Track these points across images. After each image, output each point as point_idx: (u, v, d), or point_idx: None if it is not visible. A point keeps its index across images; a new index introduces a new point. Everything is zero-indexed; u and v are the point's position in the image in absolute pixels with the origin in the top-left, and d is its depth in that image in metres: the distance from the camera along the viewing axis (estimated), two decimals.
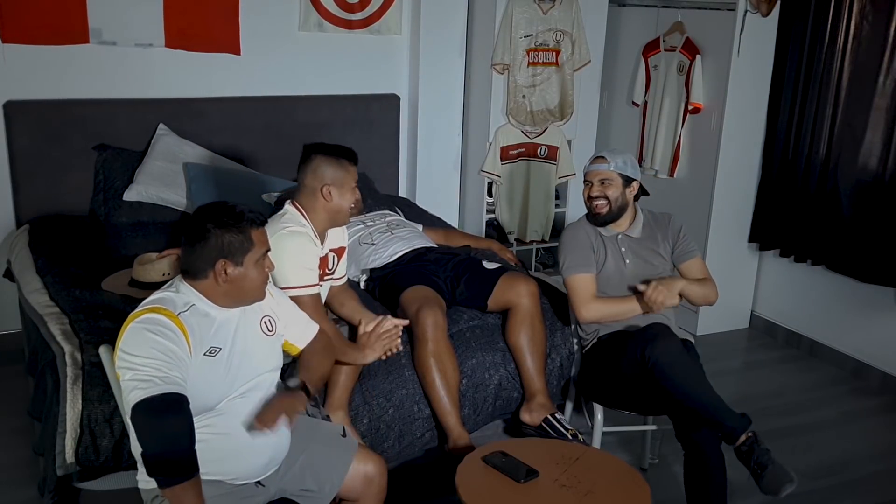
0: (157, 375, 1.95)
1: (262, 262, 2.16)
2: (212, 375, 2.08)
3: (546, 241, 4.99)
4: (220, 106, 4.23)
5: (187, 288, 2.13)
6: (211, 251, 2.09)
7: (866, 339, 4.24)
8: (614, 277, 2.98)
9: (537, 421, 3.00)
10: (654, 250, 3.02)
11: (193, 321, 2.08)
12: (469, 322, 3.15)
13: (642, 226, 3.05)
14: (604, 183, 2.96)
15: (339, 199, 2.73)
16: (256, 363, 2.21)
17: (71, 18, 3.88)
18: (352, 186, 2.75)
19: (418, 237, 3.54)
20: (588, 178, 3.01)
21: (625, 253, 3.00)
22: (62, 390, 2.52)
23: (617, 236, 3.01)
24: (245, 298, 2.17)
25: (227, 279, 2.10)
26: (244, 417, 2.15)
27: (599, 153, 3.05)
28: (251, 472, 2.21)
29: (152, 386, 1.94)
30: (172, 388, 1.95)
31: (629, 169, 2.99)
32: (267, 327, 2.27)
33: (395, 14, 4.59)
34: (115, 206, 3.86)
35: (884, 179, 3.99)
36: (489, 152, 4.71)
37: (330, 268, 2.89)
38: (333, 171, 2.71)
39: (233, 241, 2.10)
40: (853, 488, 3.31)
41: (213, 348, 2.10)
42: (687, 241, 3.06)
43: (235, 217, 2.12)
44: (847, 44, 4.13)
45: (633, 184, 3.01)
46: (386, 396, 2.87)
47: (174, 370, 1.98)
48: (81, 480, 2.50)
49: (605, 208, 2.97)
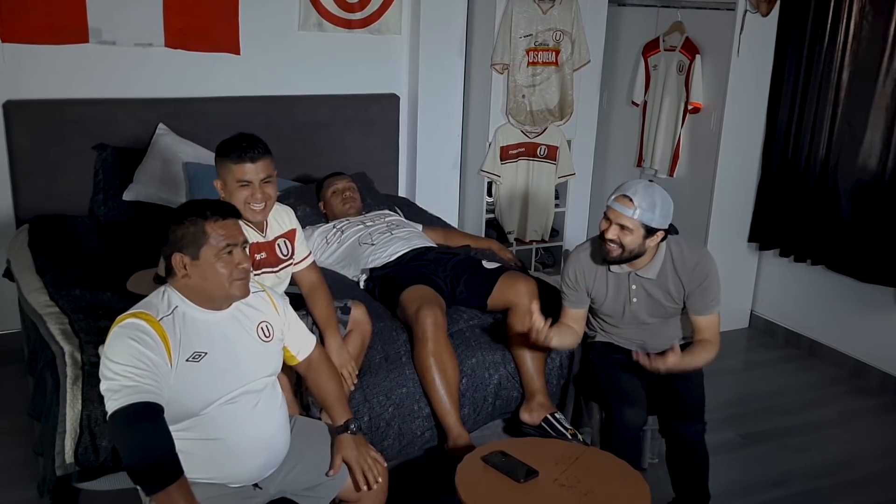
0: (129, 385, 1.95)
1: (227, 256, 2.10)
2: (196, 380, 2.07)
3: (546, 240, 4.99)
4: (220, 106, 4.22)
5: (172, 290, 2.13)
6: (169, 247, 2.10)
7: (866, 339, 4.24)
8: (615, 314, 2.89)
9: (537, 420, 3.00)
10: (667, 291, 2.81)
11: (176, 325, 2.07)
12: (469, 321, 3.15)
13: (660, 267, 2.78)
14: (623, 229, 2.65)
15: (229, 196, 2.61)
16: (249, 368, 2.18)
17: (70, 18, 3.87)
18: (238, 186, 2.60)
19: (418, 237, 3.55)
20: (608, 215, 2.68)
21: (634, 291, 2.81)
22: (62, 390, 2.52)
23: (629, 274, 2.80)
24: (215, 294, 2.12)
25: (187, 274, 2.09)
26: (237, 422, 2.14)
27: (628, 189, 2.66)
28: (247, 475, 2.20)
29: (123, 396, 1.95)
30: (143, 396, 1.95)
31: (657, 219, 2.64)
32: (264, 333, 2.24)
33: (395, 14, 4.59)
34: (115, 205, 3.86)
35: (884, 179, 3.99)
36: (489, 152, 4.71)
37: (284, 254, 2.77)
38: (219, 168, 2.64)
39: (185, 234, 2.09)
40: (853, 488, 3.31)
41: (197, 353, 2.08)
42: (711, 291, 2.77)
43: (189, 211, 2.12)
44: (847, 43, 4.13)
45: (658, 233, 2.69)
46: (386, 395, 2.87)
47: (147, 378, 1.97)
48: (81, 480, 2.49)
49: (617, 252, 2.69)
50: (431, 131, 4.76)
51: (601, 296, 2.88)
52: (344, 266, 3.48)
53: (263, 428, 2.21)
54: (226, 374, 2.12)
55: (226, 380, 2.13)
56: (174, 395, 2.02)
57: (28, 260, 3.47)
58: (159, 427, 1.96)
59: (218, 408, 2.11)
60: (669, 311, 2.88)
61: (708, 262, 2.80)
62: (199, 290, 2.11)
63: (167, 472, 1.95)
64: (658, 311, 2.87)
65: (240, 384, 2.15)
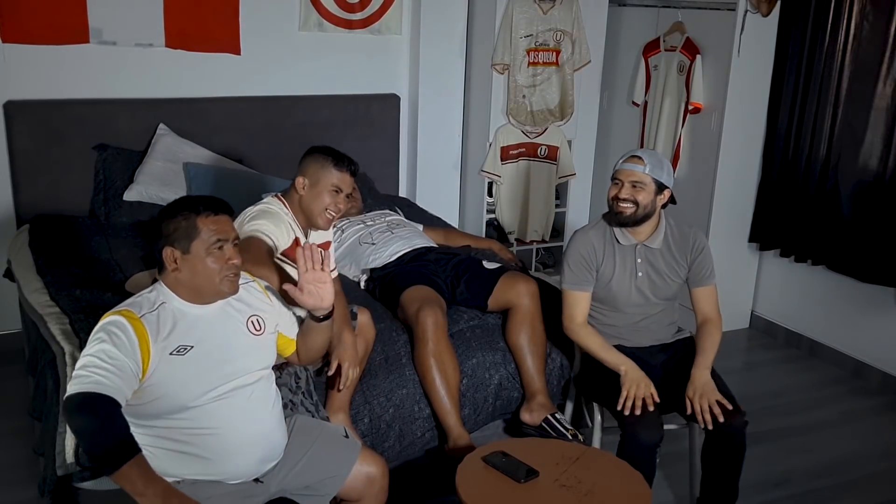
0: (83, 374, 1.99)
1: (218, 252, 2.12)
2: (182, 374, 2.08)
3: (546, 241, 4.99)
4: (221, 106, 4.23)
5: (161, 286, 2.15)
6: (161, 240, 2.13)
7: (866, 339, 4.24)
8: (622, 290, 2.89)
9: (537, 421, 3.00)
10: (670, 265, 2.90)
11: (161, 321, 2.09)
12: (469, 322, 3.15)
13: (663, 237, 2.89)
14: (635, 186, 2.77)
15: (311, 196, 2.69)
16: (239, 362, 2.19)
17: (71, 18, 3.88)
18: (330, 189, 2.67)
19: (418, 237, 3.55)
20: (618, 178, 2.80)
21: (639, 265, 2.87)
22: (62, 390, 2.52)
23: (635, 246, 2.87)
24: (205, 289, 2.14)
25: (178, 268, 2.11)
26: (232, 416, 2.15)
27: (635, 152, 2.84)
28: (246, 470, 2.20)
29: (77, 384, 1.98)
30: (95, 388, 1.96)
31: (664, 175, 2.79)
32: (254, 326, 2.25)
33: (395, 14, 4.59)
34: (116, 205, 3.87)
35: (884, 179, 3.99)
36: (489, 152, 4.71)
37: None
38: (315, 167, 2.70)
39: (177, 227, 2.11)
40: (853, 488, 3.31)
41: (182, 347, 2.09)
42: (707, 262, 2.91)
43: (182, 205, 2.15)
44: (847, 44, 4.13)
45: (666, 192, 2.83)
46: (386, 396, 2.87)
47: (104, 373, 1.98)
48: (81, 480, 2.49)
49: (631, 211, 2.79)
50: (432, 131, 4.77)
51: (609, 272, 2.88)
52: (344, 266, 3.49)
53: (258, 421, 2.21)
54: (215, 368, 2.13)
55: (215, 373, 2.14)
56: (161, 389, 2.05)
57: (28, 260, 3.47)
58: (102, 416, 1.97)
59: (211, 401, 2.12)
60: (671, 286, 2.91)
61: (700, 233, 2.95)
62: (189, 284, 2.13)
63: (118, 453, 1.95)
64: (660, 287, 2.90)
65: (231, 377, 2.16)
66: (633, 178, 2.77)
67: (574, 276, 2.90)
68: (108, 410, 1.97)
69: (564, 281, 2.92)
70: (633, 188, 2.77)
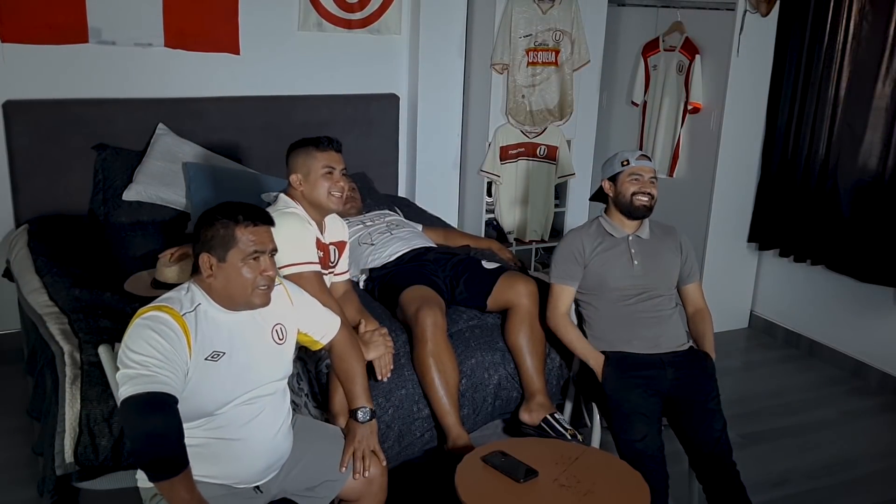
0: (145, 374, 1.95)
1: (254, 262, 2.11)
2: (212, 380, 2.07)
3: (545, 240, 4.99)
4: (220, 106, 4.23)
5: (196, 287, 2.13)
6: (199, 246, 2.12)
7: (866, 339, 4.24)
8: (623, 279, 2.97)
9: (536, 421, 3.00)
10: (664, 253, 3.05)
11: (198, 322, 2.07)
12: (468, 322, 3.15)
13: (649, 229, 3.07)
14: (653, 181, 3.00)
15: (309, 187, 2.71)
16: (262, 372, 2.19)
17: (70, 18, 3.87)
18: (323, 172, 2.69)
19: (418, 237, 3.54)
20: (638, 172, 2.98)
21: (634, 254, 2.99)
22: (61, 390, 2.52)
23: (628, 237, 3.02)
24: (236, 299, 2.12)
25: (213, 275, 2.10)
26: (248, 424, 2.15)
27: (636, 151, 3.09)
28: (250, 476, 2.20)
29: (138, 384, 1.94)
30: (159, 387, 1.95)
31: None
32: (278, 336, 2.24)
33: (395, 14, 4.59)
34: (115, 205, 3.86)
35: (883, 179, 3.99)
36: (489, 152, 4.71)
37: (332, 261, 2.88)
38: (301, 159, 2.73)
39: (215, 235, 2.10)
40: (853, 488, 3.31)
41: (216, 353, 2.08)
42: (694, 261, 3.11)
43: (223, 213, 2.12)
44: (847, 44, 4.13)
45: None
46: (385, 396, 2.86)
47: (165, 370, 1.97)
48: (81, 480, 2.50)
49: (650, 203, 2.99)
50: (431, 131, 4.76)
51: (606, 265, 2.97)
52: None
53: (271, 430, 2.21)
54: (242, 376, 2.13)
55: (242, 381, 2.13)
56: (190, 393, 2.03)
57: (28, 260, 3.47)
58: (171, 418, 1.96)
59: (232, 409, 2.12)
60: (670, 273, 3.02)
61: (682, 233, 3.15)
62: (223, 292, 2.12)
63: (174, 463, 1.95)
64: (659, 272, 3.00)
65: (254, 386, 2.16)
66: (651, 174, 3.00)
67: (560, 271, 3.02)
68: (177, 411, 1.97)
69: (552, 275, 3.05)
70: (652, 183, 3.00)
